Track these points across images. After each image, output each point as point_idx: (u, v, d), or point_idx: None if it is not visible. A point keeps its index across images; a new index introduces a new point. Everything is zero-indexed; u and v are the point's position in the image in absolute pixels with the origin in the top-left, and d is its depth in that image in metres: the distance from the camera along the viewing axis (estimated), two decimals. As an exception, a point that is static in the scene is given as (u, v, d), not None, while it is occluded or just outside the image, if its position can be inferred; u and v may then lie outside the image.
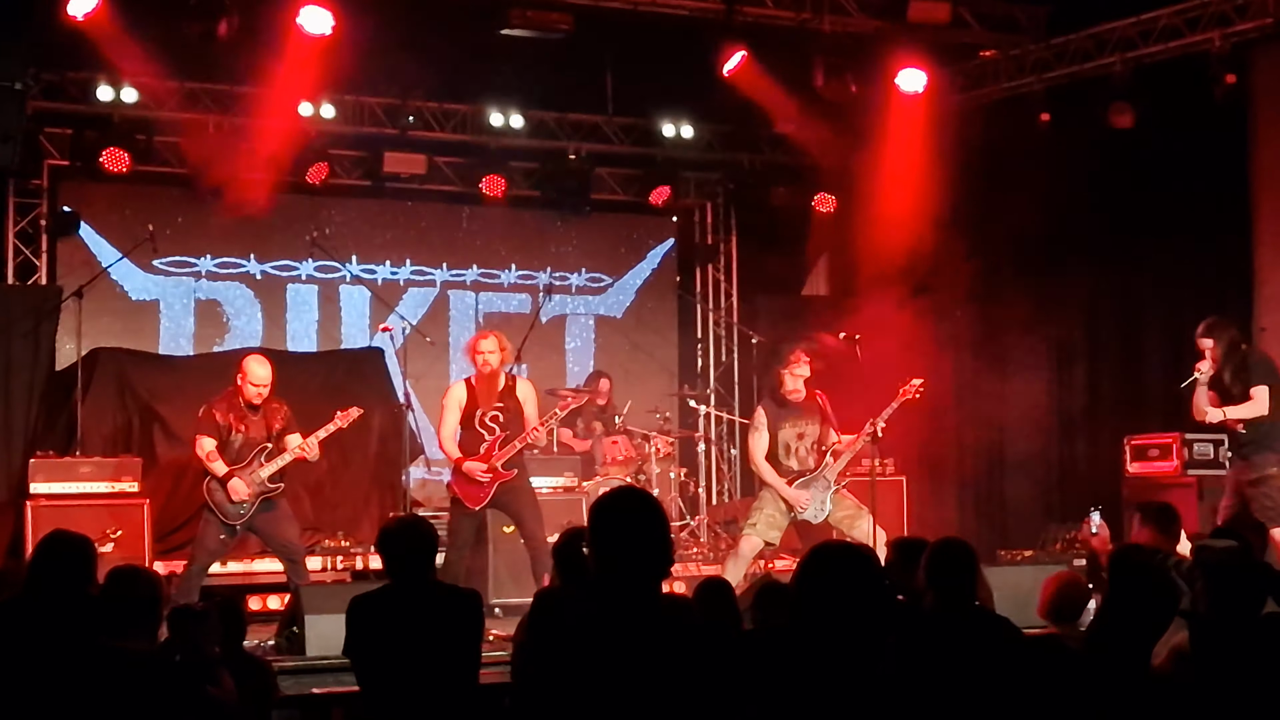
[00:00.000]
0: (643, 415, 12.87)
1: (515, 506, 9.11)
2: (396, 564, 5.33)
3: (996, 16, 12.08)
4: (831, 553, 4.03)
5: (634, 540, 3.65)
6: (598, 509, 3.73)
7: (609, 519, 3.69)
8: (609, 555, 3.64)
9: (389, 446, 11.44)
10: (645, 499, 3.77)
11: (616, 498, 3.78)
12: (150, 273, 12.82)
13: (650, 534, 3.67)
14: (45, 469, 10.07)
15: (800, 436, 9.10)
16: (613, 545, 3.65)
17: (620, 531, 3.66)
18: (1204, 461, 11.05)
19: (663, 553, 3.68)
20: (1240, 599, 4.76)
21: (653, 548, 3.66)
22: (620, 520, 3.68)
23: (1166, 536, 6.25)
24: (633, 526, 3.67)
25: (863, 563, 3.99)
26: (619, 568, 3.62)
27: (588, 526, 3.73)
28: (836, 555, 4.01)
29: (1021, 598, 6.83)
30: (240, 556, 10.28)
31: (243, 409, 8.94)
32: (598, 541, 3.68)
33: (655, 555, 3.67)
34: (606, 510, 3.72)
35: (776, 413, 9.12)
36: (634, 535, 3.66)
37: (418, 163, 12.81)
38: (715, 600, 5.43)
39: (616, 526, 3.67)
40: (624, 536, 3.66)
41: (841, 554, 4.02)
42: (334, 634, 6.02)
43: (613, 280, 14.58)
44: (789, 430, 9.09)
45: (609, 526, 3.68)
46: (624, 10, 11.19)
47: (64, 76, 11.66)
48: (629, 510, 3.71)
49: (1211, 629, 4.73)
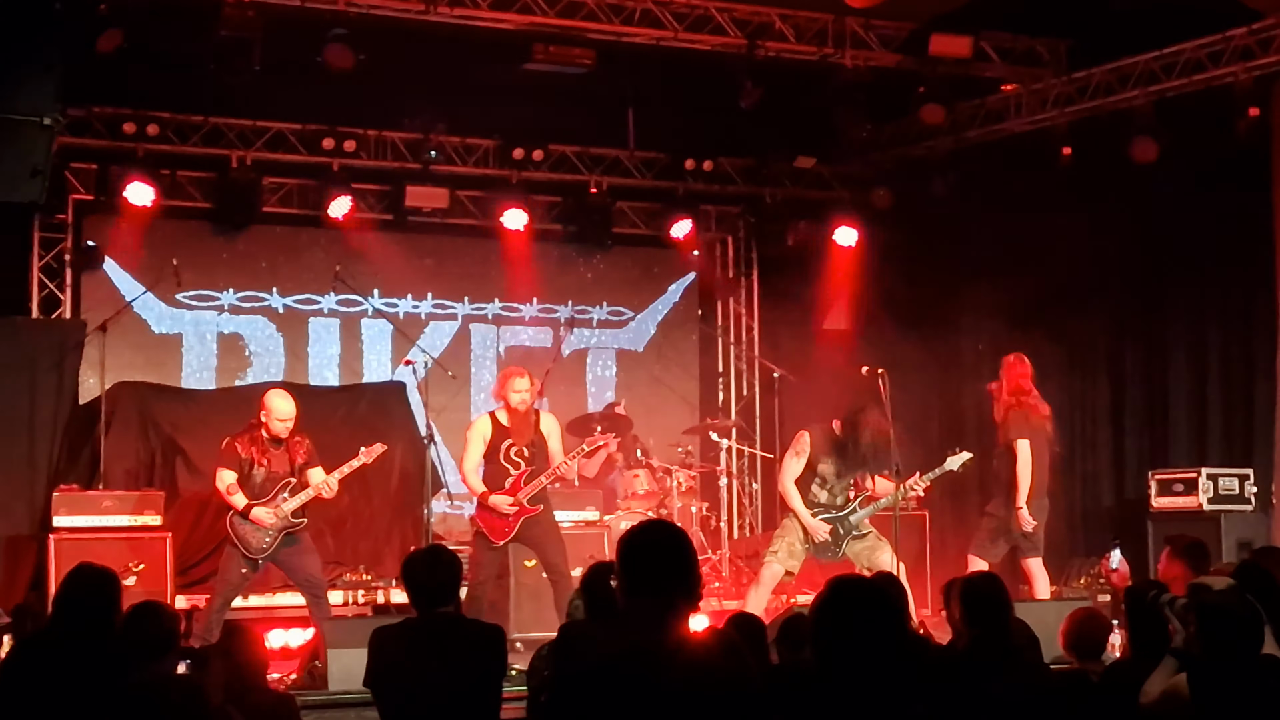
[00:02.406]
0: (664, 449, 12.84)
1: (539, 540, 9.10)
2: (421, 595, 5.32)
3: (1018, 50, 12.09)
4: (847, 588, 3.94)
5: (663, 572, 3.62)
6: (627, 541, 3.71)
7: (638, 551, 3.67)
8: (637, 586, 3.62)
9: (410, 480, 11.42)
10: (673, 531, 3.75)
11: (646, 530, 3.75)
12: (173, 306, 12.86)
13: (679, 565, 3.65)
14: (68, 502, 10.09)
15: (838, 475, 9.06)
16: (641, 577, 3.62)
17: (649, 563, 3.64)
18: (1229, 496, 11.00)
19: (691, 584, 3.65)
20: (1234, 642, 4.70)
21: (681, 579, 3.64)
22: (649, 552, 3.66)
23: (1197, 572, 6.22)
24: (661, 558, 3.64)
25: (880, 598, 3.89)
26: (647, 599, 3.60)
27: (617, 558, 3.70)
28: (852, 591, 3.91)
29: (1046, 634, 6.79)
30: (262, 590, 10.28)
31: (265, 443, 8.95)
32: (626, 573, 3.65)
33: (683, 586, 3.64)
34: (635, 542, 3.70)
35: (823, 444, 9.05)
36: (663, 567, 3.63)
37: (440, 196, 12.85)
38: (744, 635, 5.39)
39: (645, 558, 3.65)
40: (653, 568, 3.63)
41: (858, 590, 3.93)
42: (356, 668, 6.00)
43: (634, 314, 14.58)
44: (828, 465, 9.04)
45: (638, 558, 3.66)
46: (646, 45, 11.23)
47: (89, 111, 11.74)
48: (658, 542, 3.68)
49: (1205, 671, 4.68)
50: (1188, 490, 11.06)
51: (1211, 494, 10.97)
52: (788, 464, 9.10)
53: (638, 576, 3.63)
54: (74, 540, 9.76)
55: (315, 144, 12.42)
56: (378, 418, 11.68)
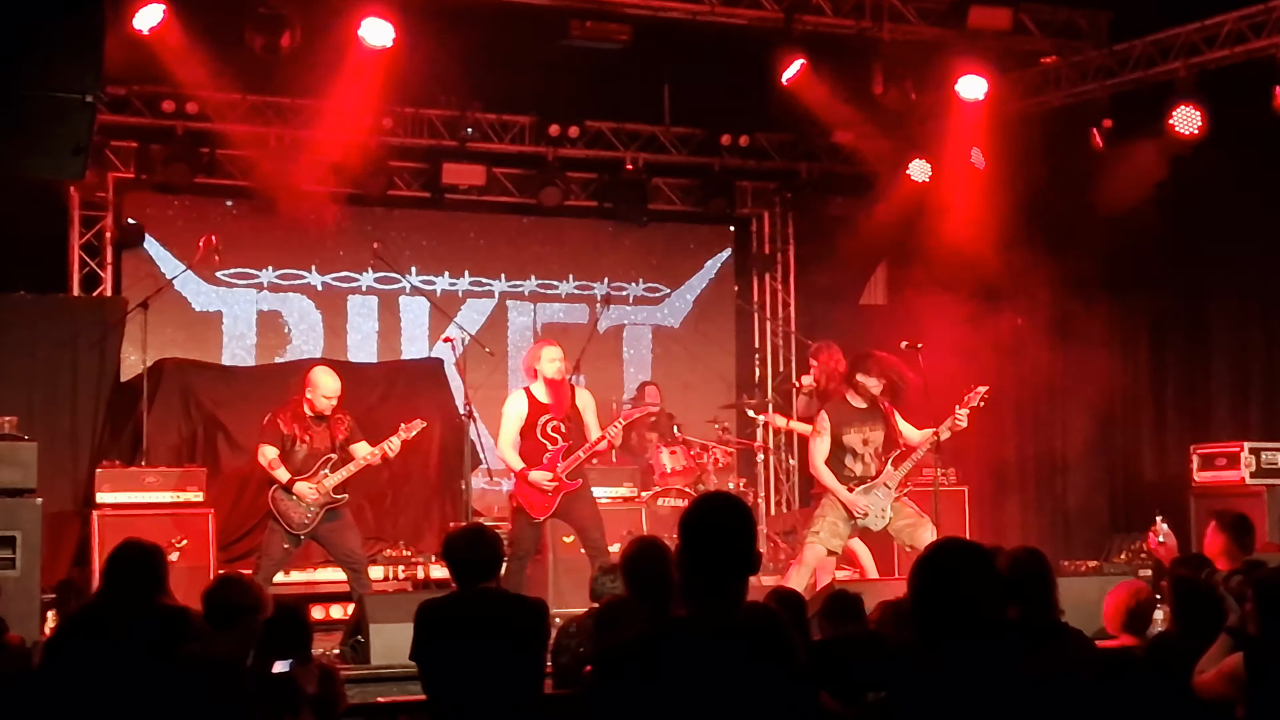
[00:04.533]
0: (701, 425, 12.84)
1: (578, 516, 9.12)
2: (464, 571, 5.35)
3: (1058, 22, 11.99)
4: (951, 550, 3.81)
5: (728, 544, 3.62)
6: (694, 517, 3.69)
7: (703, 528, 3.65)
8: (701, 563, 3.61)
9: (449, 456, 11.49)
10: (737, 505, 3.73)
11: (711, 506, 3.73)
12: (213, 284, 12.93)
13: (743, 540, 3.65)
14: (111, 479, 10.17)
15: (865, 442, 9.05)
16: (707, 554, 3.62)
17: (715, 539, 3.63)
18: (1272, 470, 10.93)
19: (754, 557, 3.66)
20: None
21: (744, 553, 3.64)
22: (715, 530, 3.64)
23: (1241, 546, 6.19)
24: (726, 534, 3.63)
25: (984, 562, 3.75)
26: (711, 572, 3.60)
27: (681, 530, 3.68)
28: (956, 553, 3.77)
29: (1087, 609, 6.76)
30: (303, 566, 10.35)
31: (308, 419, 9.00)
32: (691, 550, 3.64)
33: (746, 561, 3.64)
34: (701, 519, 3.68)
35: (840, 417, 9.07)
36: (729, 539, 3.63)
37: (476, 174, 12.87)
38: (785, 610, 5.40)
39: (711, 535, 3.63)
40: (719, 544, 3.62)
41: (961, 552, 3.78)
42: (398, 643, 6.06)
43: (670, 290, 14.57)
44: (853, 435, 9.04)
45: (703, 534, 3.64)
46: (682, 20, 11.19)
47: (129, 90, 11.80)
48: (722, 521, 3.66)
49: (1262, 649, 4.65)
50: (1230, 465, 11.00)
51: (1254, 468, 10.90)
52: (814, 447, 9.09)
53: (703, 552, 3.61)
54: (117, 516, 9.83)
55: (354, 122, 12.42)
56: (416, 394, 11.73)
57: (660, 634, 3.66)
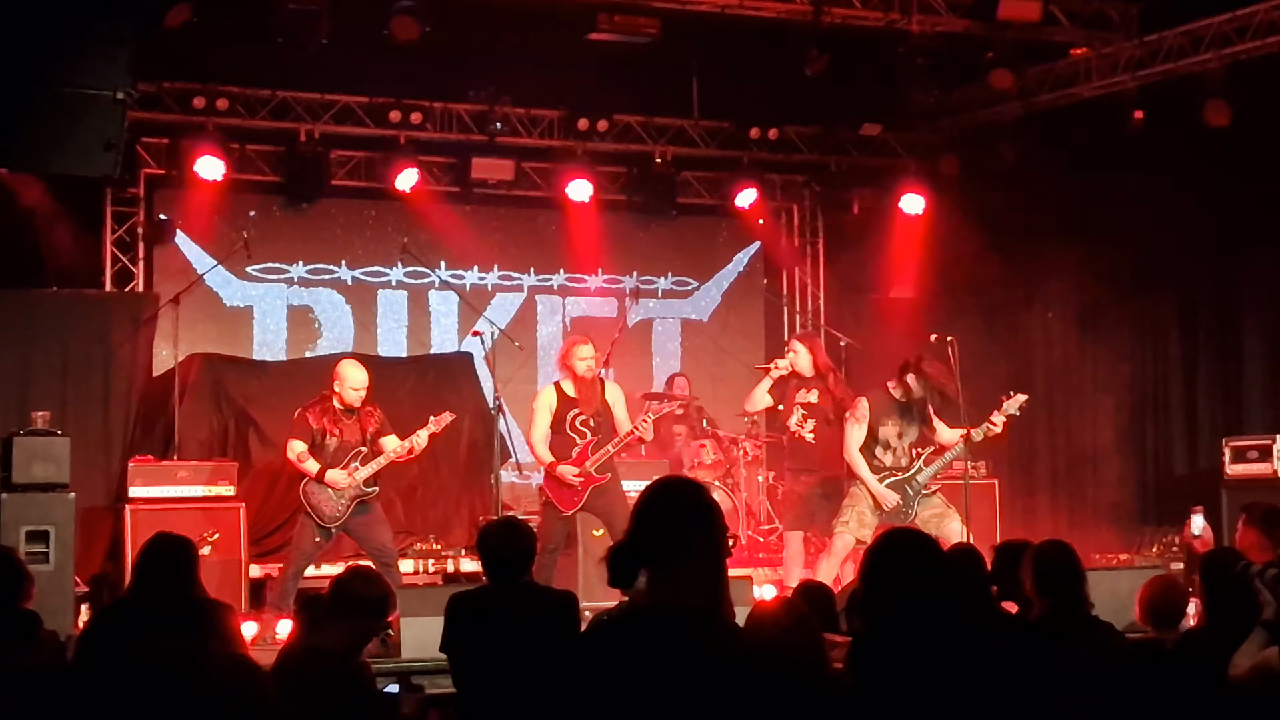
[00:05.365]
0: (730, 419, 12.84)
1: (607, 509, 9.14)
2: (497, 565, 5.37)
3: (1088, 14, 11.93)
4: (895, 541, 3.78)
5: (664, 528, 3.32)
6: (637, 504, 3.41)
7: (645, 514, 3.35)
8: (651, 549, 3.31)
9: (479, 450, 11.51)
10: (687, 486, 3.43)
11: (658, 484, 3.45)
12: (244, 279, 12.98)
13: (683, 521, 3.32)
14: (143, 473, 10.23)
15: (900, 435, 9.07)
16: (651, 539, 3.31)
17: (657, 524, 3.33)
18: (1305, 463, 10.87)
19: (701, 543, 3.30)
20: None
21: (680, 536, 3.29)
22: (664, 514, 3.34)
23: (1272, 539, 6.15)
24: (666, 515, 3.34)
25: (927, 551, 3.70)
26: (648, 555, 3.30)
27: (630, 522, 3.38)
28: (900, 544, 3.75)
29: (1118, 602, 6.74)
30: (334, 559, 10.36)
31: (337, 413, 9.04)
32: (635, 537, 3.34)
33: (683, 544, 3.29)
34: (646, 497, 3.39)
35: (879, 408, 9.06)
36: (669, 527, 3.31)
37: (505, 168, 12.88)
38: (814, 604, 5.40)
39: (651, 521, 3.33)
40: (660, 529, 3.31)
41: (906, 542, 3.77)
42: (428, 636, 6.07)
43: (699, 284, 14.56)
44: (889, 427, 9.05)
45: (645, 521, 3.34)
46: (710, 13, 11.18)
47: (160, 86, 11.86)
48: (662, 499, 3.39)
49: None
50: (1262, 457, 10.94)
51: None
52: (850, 432, 9.09)
53: (648, 538, 3.32)
54: (149, 510, 9.89)
55: (382, 117, 12.49)
56: (446, 388, 11.76)
57: (604, 620, 3.45)
